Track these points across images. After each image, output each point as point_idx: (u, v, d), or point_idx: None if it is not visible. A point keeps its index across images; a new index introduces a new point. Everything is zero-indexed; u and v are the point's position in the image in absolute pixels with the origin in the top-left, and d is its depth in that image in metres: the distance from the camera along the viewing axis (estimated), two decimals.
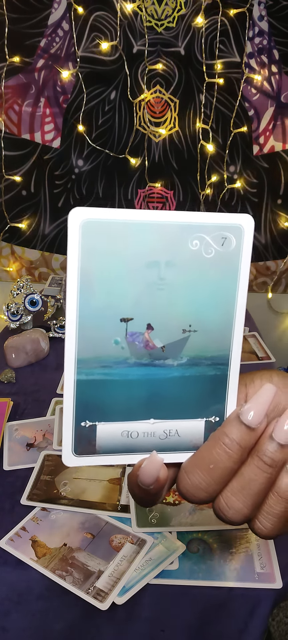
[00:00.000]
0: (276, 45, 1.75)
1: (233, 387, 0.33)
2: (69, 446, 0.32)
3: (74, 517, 0.79)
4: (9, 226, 1.91)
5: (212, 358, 0.32)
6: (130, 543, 0.74)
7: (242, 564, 0.71)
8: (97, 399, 0.31)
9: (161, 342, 0.31)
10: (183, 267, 0.30)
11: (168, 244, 0.29)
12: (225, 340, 0.32)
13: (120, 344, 0.30)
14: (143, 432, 0.32)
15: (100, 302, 0.29)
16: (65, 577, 0.69)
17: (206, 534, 0.75)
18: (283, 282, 2.00)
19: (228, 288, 0.31)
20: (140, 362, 0.31)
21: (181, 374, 0.32)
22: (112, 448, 0.32)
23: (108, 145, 1.83)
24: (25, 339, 1.29)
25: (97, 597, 0.66)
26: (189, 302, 0.31)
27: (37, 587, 0.70)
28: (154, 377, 0.31)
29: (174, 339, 0.31)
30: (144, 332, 0.30)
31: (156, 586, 0.69)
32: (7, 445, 0.96)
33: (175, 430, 0.32)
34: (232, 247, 0.30)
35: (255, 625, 0.69)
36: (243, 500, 0.31)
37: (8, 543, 0.74)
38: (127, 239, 0.29)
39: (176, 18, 1.72)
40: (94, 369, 0.30)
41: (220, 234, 0.30)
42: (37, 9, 1.72)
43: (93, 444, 0.32)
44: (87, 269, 0.29)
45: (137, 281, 0.29)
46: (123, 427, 0.32)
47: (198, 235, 0.30)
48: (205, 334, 0.31)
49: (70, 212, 0.28)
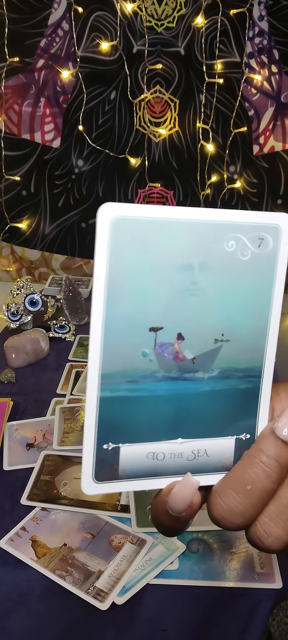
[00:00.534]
0: (276, 45, 1.75)
1: (265, 402, 0.30)
2: (89, 472, 0.28)
3: (73, 517, 0.79)
4: (9, 226, 1.91)
5: (244, 370, 0.29)
6: (130, 543, 0.74)
7: (242, 564, 0.71)
8: (121, 418, 0.28)
9: (192, 354, 0.28)
10: (219, 270, 0.27)
11: (203, 245, 0.27)
12: (258, 351, 0.29)
13: (149, 356, 0.28)
14: (170, 454, 0.29)
15: (128, 310, 0.27)
16: (65, 577, 0.69)
17: (206, 534, 0.75)
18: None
19: (263, 294, 0.29)
20: (168, 376, 0.28)
21: (211, 388, 0.29)
22: (136, 472, 0.29)
23: (108, 145, 1.83)
24: (25, 339, 1.29)
25: (97, 597, 0.66)
26: (222, 309, 0.28)
27: (37, 587, 0.70)
28: (183, 392, 0.29)
29: (205, 350, 0.29)
30: (174, 342, 0.28)
31: (156, 586, 0.69)
32: (7, 445, 0.96)
33: (204, 450, 0.30)
34: (269, 248, 0.28)
35: (255, 625, 0.69)
36: (283, 526, 0.28)
37: (8, 543, 0.74)
38: (159, 238, 0.26)
39: (176, 18, 1.72)
40: (119, 385, 0.28)
41: (257, 234, 0.28)
42: (37, 9, 1.72)
43: (116, 469, 0.29)
44: (115, 271, 0.26)
45: (168, 286, 0.27)
46: (148, 448, 0.29)
47: (235, 236, 0.27)
48: (238, 343, 0.29)
49: (100, 207, 0.25)
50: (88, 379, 0.27)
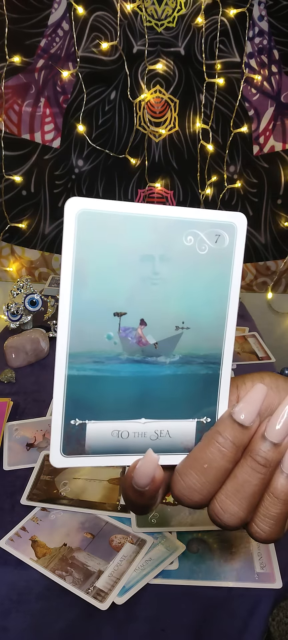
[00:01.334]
0: (276, 45, 1.75)
1: (225, 388, 0.32)
2: (57, 446, 0.30)
3: (73, 517, 0.79)
4: (9, 226, 1.91)
5: (205, 357, 0.31)
6: (130, 543, 0.74)
7: (242, 564, 0.71)
8: (87, 396, 0.30)
9: (154, 339, 0.30)
10: (177, 262, 0.30)
11: (163, 238, 0.29)
12: (217, 339, 0.31)
13: (113, 339, 0.30)
14: (134, 432, 0.31)
15: (94, 295, 0.29)
16: (65, 577, 0.69)
17: (206, 534, 0.75)
18: (283, 282, 2.00)
19: (221, 286, 0.31)
20: (132, 359, 0.30)
21: (173, 372, 0.31)
22: (102, 448, 0.31)
23: (108, 145, 1.83)
24: (25, 339, 1.29)
25: (97, 597, 0.66)
26: (182, 298, 0.30)
27: (37, 587, 0.70)
28: (146, 374, 0.31)
29: (167, 336, 0.30)
30: (137, 327, 0.30)
31: (156, 586, 0.69)
32: (7, 445, 0.96)
33: (167, 431, 0.32)
34: (226, 244, 0.30)
35: (255, 625, 0.69)
36: (239, 503, 0.31)
37: (8, 543, 0.74)
38: (122, 231, 0.28)
39: (176, 18, 1.72)
40: (85, 364, 0.30)
41: (214, 231, 0.30)
42: (37, 9, 1.72)
43: (82, 444, 0.31)
44: (81, 260, 0.28)
45: (131, 275, 0.29)
46: (113, 426, 0.31)
47: (193, 231, 0.30)
48: (198, 331, 0.31)
49: (67, 201, 0.28)
50: (56, 357, 0.29)
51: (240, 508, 0.31)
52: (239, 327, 1.55)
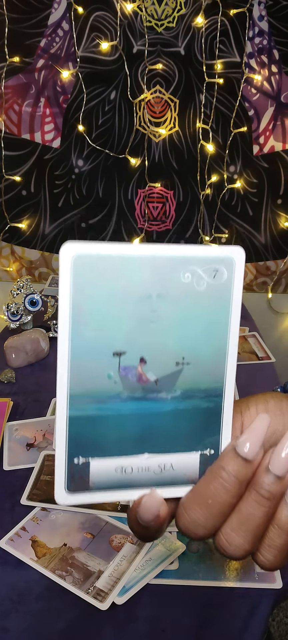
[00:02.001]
0: (276, 45, 1.75)
1: (227, 419, 0.32)
2: (61, 484, 0.31)
3: (73, 517, 0.79)
4: (9, 226, 1.91)
5: (206, 390, 0.31)
6: (130, 543, 0.74)
7: (242, 564, 0.71)
8: (90, 435, 0.30)
9: (154, 376, 0.30)
10: (175, 300, 0.30)
11: (160, 277, 0.29)
12: (218, 372, 0.31)
13: (113, 378, 0.30)
14: (137, 467, 0.31)
15: (93, 336, 0.29)
16: (65, 577, 0.69)
17: None
18: (283, 282, 2.00)
19: (220, 320, 0.31)
20: (133, 397, 0.30)
21: (175, 407, 0.31)
22: (106, 484, 0.31)
23: (108, 145, 1.83)
24: (25, 339, 1.29)
25: (97, 597, 0.66)
26: (182, 334, 0.30)
27: (37, 587, 0.70)
28: (148, 411, 0.31)
29: (167, 372, 0.31)
30: (137, 365, 0.30)
31: (156, 586, 0.69)
32: (7, 445, 0.96)
33: (170, 465, 0.32)
34: (224, 279, 0.30)
35: (255, 625, 0.69)
36: (243, 536, 0.31)
37: (8, 543, 0.74)
38: (119, 272, 0.29)
39: (176, 18, 1.72)
40: (86, 404, 0.30)
41: (212, 267, 0.30)
42: (37, 9, 1.72)
43: (86, 481, 0.31)
44: (79, 304, 0.28)
45: (129, 314, 0.29)
46: (117, 462, 0.31)
47: (190, 268, 0.30)
48: (199, 366, 0.31)
49: (62, 247, 0.28)
50: (57, 398, 0.29)
51: (245, 541, 0.31)
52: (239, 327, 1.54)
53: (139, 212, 1.91)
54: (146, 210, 1.91)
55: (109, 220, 1.92)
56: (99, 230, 1.93)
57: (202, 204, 1.89)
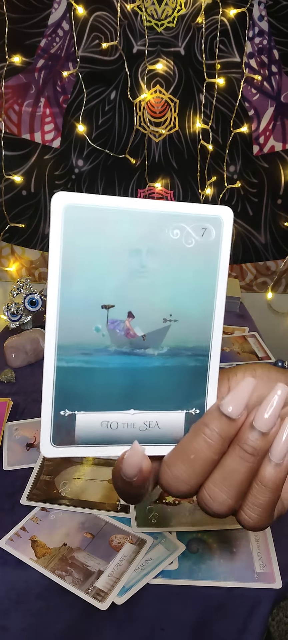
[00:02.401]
0: (276, 45, 1.75)
1: (213, 379, 0.32)
2: (47, 436, 0.31)
3: (73, 517, 0.79)
4: (9, 226, 1.91)
5: (193, 349, 0.32)
6: (129, 543, 0.74)
7: (242, 564, 0.71)
8: (76, 387, 0.30)
9: (142, 331, 0.31)
10: (165, 255, 0.30)
11: (150, 232, 0.30)
12: (205, 332, 0.32)
13: (101, 331, 0.30)
14: (123, 423, 0.32)
15: (82, 288, 0.29)
16: (65, 577, 0.69)
17: (206, 534, 0.75)
18: (283, 282, 2.00)
19: (208, 279, 0.31)
20: (120, 351, 0.31)
21: (161, 364, 0.31)
22: (91, 439, 0.31)
23: (108, 145, 1.83)
24: (25, 339, 1.29)
25: (97, 597, 0.66)
26: (170, 291, 0.31)
27: (37, 587, 0.70)
28: (135, 366, 0.31)
29: (155, 328, 0.31)
30: (124, 320, 0.30)
31: (156, 586, 0.69)
32: (6, 445, 0.96)
33: (156, 422, 0.32)
34: (212, 238, 0.31)
35: (255, 625, 0.69)
36: (227, 491, 0.31)
37: (8, 543, 0.74)
38: (110, 225, 0.29)
39: (176, 18, 1.72)
40: (74, 356, 0.30)
41: (200, 225, 0.30)
42: (37, 9, 1.72)
43: (72, 434, 0.31)
44: (69, 254, 0.29)
45: (119, 268, 0.29)
46: (103, 417, 0.31)
47: (179, 225, 0.30)
48: (186, 324, 0.31)
49: (53, 196, 0.28)
50: (45, 349, 0.30)
51: (229, 496, 0.31)
52: (239, 327, 1.55)
53: None
54: None
55: None
56: None
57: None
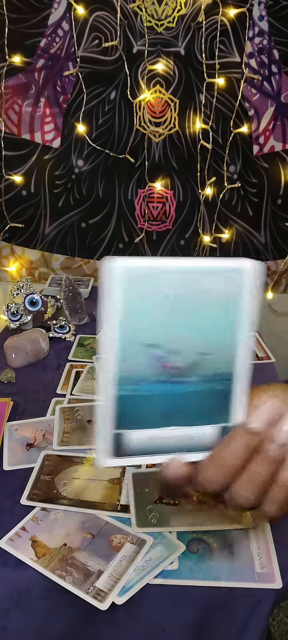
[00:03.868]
0: (276, 45, 1.75)
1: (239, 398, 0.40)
2: (107, 449, 0.39)
3: (73, 517, 0.79)
4: (9, 226, 1.91)
5: (221, 375, 0.39)
6: (130, 543, 0.74)
7: (242, 564, 0.71)
8: (129, 411, 0.39)
9: (178, 364, 0.38)
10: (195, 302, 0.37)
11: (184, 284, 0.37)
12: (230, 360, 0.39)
13: (147, 365, 0.38)
14: (166, 437, 0.40)
15: (133, 332, 0.37)
16: (65, 577, 0.69)
17: (206, 534, 0.75)
18: (283, 282, 2.00)
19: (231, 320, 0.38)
20: (161, 380, 0.38)
21: (194, 389, 0.39)
22: (141, 450, 0.40)
23: (108, 145, 1.83)
24: (25, 339, 1.29)
25: (97, 597, 0.66)
26: (198, 332, 0.38)
27: (37, 587, 0.70)
28: (173, 392, 0.39)
29: (188, 362, 0.38)
30: (167, 355, 0.38)
31: (156, 586, 0.69)
32: (7, 445, 0.96)
33: (191, 436, 0.40)
34: (235, 285, 0.37)
35: (255, 625, 0.69)
36: (251, 490, 0.40)
37: (8, 543, 0.74)
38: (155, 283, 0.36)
39: (176, 18, 1.72)
40: (127, 386, 0.38)
41: (225, 275, 0.37)
42: (37, 9, 1.72)
43: (125, 448, 0.39)
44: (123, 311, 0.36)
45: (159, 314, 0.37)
46: (150, 433, 0.40)
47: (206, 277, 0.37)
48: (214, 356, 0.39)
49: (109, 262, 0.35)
50: (104, 382, 0.38)
51: (252, 493, 0.40)
52: None
53: (139, 212, 1.91)
54: (146, 210, 1.91)
55: (109, 220, 1.92)
56: (98, 230, 1.93)
57: (202, 204, 1.89)
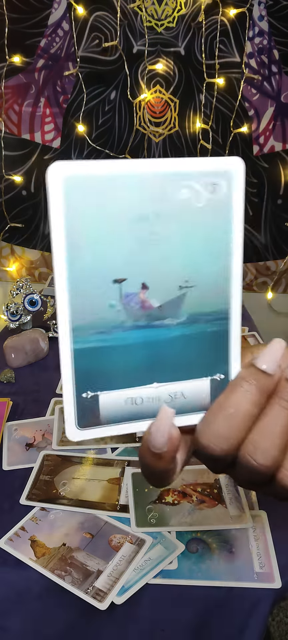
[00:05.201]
0: (276, 45, 1.75)
1: (235, 342, 0.31)
2: (72, 420, 0.30)
3: (73, 517, 0.79)
4: (9, 226, 1.91)
5: (212, 314, 0.30)
6: (129, 543, 0.74)
7: (241, 564, 0.71)
8: (96, 367, 0.29)
9: (158, 302, 0.29)
10: (174, 218, 0.28)
11: (157, 196, 0.28)
12: (223, 294, 0.30)
13: (116, 307, 0.29)
14: (147, 398, 0.31)
15: (90, 265, 0.28)
16: (64, 577, 0.69)
17: (205, 534, 0.75)
18: (283, 282, 2.00)
19: (223, 238, 0.29)
20: (137, 325, 0.29)
21: (181, 332, 0.30)
22: (117, 417, 0.30)
23: (108, 145, 1.83)
24: (25, 339, 1.29)
25: (96, 597, 0.66)
26: (183, 255, 0.29)
27: (36, 587, 0.70)
28: (154, 339, 0.30)
29: (171, 297, 0.29)
30: (139, 292, 0.29)
31: (155, 586, 0.69)
32: (6, 445, 0.96)
33: (181, 392, 0.31)
34: (223, 192, 0.29)
35: (255, 625, 0.69)
36: (270, 439, 0.30)
37: (7, 543, 0.74)
38: (112, 193, 0.27)
39: (176, 18, 1.72)
40: (90, 336, 0.29)
41: (210, 181, 0.28)
42: (37, 9, 1.72)
43: (97, 415, 0.30)
44: (72, 231, 0.27)
45: (127, 238, 0.28)
46: (126, 394, 0.30)
47: (187, 184, 0.28)
48: (203, 288, 0.30)
49: (50, 167, 0.26)
50: (59, 332, 0.28)
51: (272, 444, 0.30)
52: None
53: None
54: None
55: None
56: None
57: None
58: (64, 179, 0.26)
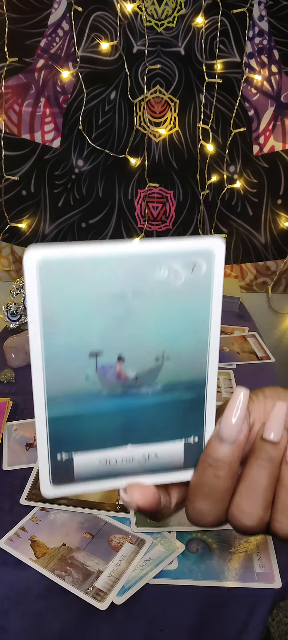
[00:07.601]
0: (276, 45, 1.75)
1: (211, 408, 0.32)
2: (46, 479, 0.31)
3: (73, 517, 0.79)
4: (9, 226, 1.91)
5: (188, 382, 0.31)
6: (129, 543, 0.74)
7: (241, 564, 0.71)
8: (71, 432, 0.30)
9: (134, 372, 0.30)
10: (152, 297, 0.28)
11: (134, 276, 0.28)
12: (200, 364, 0.31)
13: (91, 378, 0.29)
14: (121, 458, 0.31)
15: (66, 340, 0.28)
16: (65, 577, 0.69)
17: (205, 534, 0.75)
18: (283, 282, 2.00)
19: (200, 313, 0.30)
20: (113, 394, 0.30)
21: (156, 400, 0.31)
22: (92, 476, 0.31)
23: (108, 145, 1.83)
24: (25, 339, 1.29)
25: (96, 597, 0.66)
26: (160, 330, 0.29)
27: (36, 587, 0.70)
28: (129, 407, 0.30)
29: (147, 368, 0.30)
30: (115, 364, 0.29)
31: (155, 586, 0.69)
32: (6, 445, 0.96)
33: (154, 454, 0.32)
34: (203, 272, 0.29)
35: (255, 625, 0.69)
36: (254, 501, 0.31)
37: (7, 543, 0.74)
38: (88, 275, 0.27)
39: (176, 18, 1.72)
40: (65, 405, 0.29)
41: (190, 260, 0.28)
42: (37, 9, 1.72)
43: (71, 474, 0.31)
44: (48, 309, 0.27)
45: (104, 315, 0.28)
46: (100, 455, 0.31)
47: (166, 264, 0.28)
48: (179, 359, 0.30)
49: (25, 251, 0.26)
50: (34, 400, 0.29)
51: (257, 505, 0.31)
52: (239, 327, 1.55)
53: (139, 212, 1.91)
54: (146, 210, 1.91)
55: (109, 220, 1.92)
56: (99, 230, 1.93)
57: (202, 204, 1.89)
58: (38, 263, 0.27)
